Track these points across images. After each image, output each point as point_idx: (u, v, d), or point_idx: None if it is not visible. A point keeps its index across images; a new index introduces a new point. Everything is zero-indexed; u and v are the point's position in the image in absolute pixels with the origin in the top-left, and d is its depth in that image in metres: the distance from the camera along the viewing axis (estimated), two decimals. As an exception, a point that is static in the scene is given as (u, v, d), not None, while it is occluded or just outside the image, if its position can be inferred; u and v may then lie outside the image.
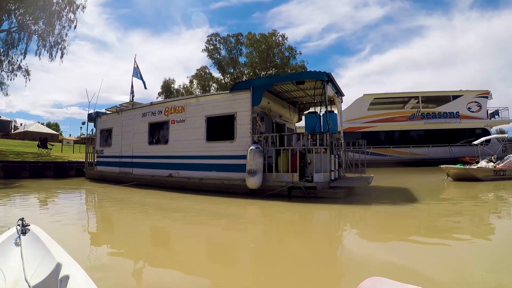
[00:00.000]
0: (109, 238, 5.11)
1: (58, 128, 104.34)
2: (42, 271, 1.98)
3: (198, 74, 46.73)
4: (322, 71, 9.00)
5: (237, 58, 44.17)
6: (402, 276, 3.06)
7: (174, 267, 3.56)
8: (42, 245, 2.24)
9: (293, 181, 8.58)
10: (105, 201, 9.21)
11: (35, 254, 2.18)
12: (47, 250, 2.15)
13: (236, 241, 4.94)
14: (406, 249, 4.17)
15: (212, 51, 44.00)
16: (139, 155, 12.70)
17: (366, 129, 24.75)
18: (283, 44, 41.20)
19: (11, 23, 23.12)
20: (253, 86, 9.53)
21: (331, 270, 3.54)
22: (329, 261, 3.85)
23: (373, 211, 7.20)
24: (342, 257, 4.09)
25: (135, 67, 17.17)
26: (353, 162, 11.56)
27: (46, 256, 2.09)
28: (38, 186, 12.27)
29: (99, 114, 15.76)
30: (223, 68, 44.40)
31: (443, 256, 3.74)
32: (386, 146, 24.58)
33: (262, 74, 40.09)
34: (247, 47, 42.57)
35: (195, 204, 8.27)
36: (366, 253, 4.00)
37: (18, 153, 20.59)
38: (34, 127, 70.18)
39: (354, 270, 3.38)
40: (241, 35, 43.19)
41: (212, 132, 10.34)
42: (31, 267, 2.03)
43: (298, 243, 4.62)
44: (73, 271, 1.79)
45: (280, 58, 41.05)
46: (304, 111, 13.61)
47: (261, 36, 40.80)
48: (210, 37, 44.34)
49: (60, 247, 2.18)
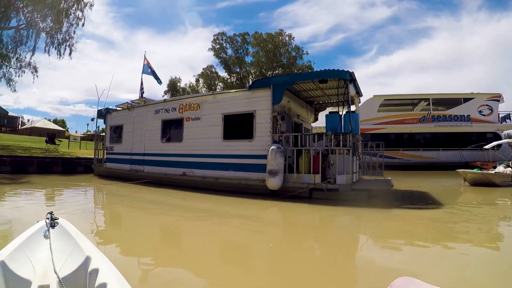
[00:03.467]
0: (123, 235, 5.06)
1: (65, 124, 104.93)
2: (71, 264, 2.02)
3: (204, 73, 46.81)
4: (345, 70, 8.73)
5: (244, 57, 44.26)
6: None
7: (188, 267, 3.54)
8: (71, 238, 2.28)
9: (315, 182, 8.29)
10: (120, 199, 9.01)
11: (64, 247, 2.20)
12: (75, 243, 2.19)
13: (258, 243, 4.86)
14: (428, 256, 4.00)
15: (219, 50, 44.02)
16: (151, 152, 12.41)
17: (375, 131, 24.38)
18: (289, 44, 41.19)
19: (19, 20, 23.03)
20: (274, 84, 9.21)
21: (349, 274, 3.48)
22: (348, 267, 3.77)
23: (394, 215, 6.95)
24: (363, 262, 3.91)
25: (145, 63, 16.97)
26: (370, 164, 11.27)
27: (75, 249, 2.13)
28: (47, 182, 12.04)
29: (109, 110, 15.47)
30: (229, 68, 44.42)
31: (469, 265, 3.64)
32: (395, 148, 24.21)
33: (268, 73, 39.95)
34: (254, 47, 42.61)
35: (216, 206, 8.06)
36: (387, 259, 3.91)
37: (25, 148, 20.51)
38: (41, 123, 70.72)
39: (373, 276, 3.29)
40: (248, 35, 43.19)
41: (229, 130, 10.04)
42: (59, 259, 2.04)
43: (318, 247, 4.61)
44: (103, 265, 1.82)
45: (286, 58, 40.90)
46: (320, 111, 13.32)
47: (268, 35, 40.76)
48: (217, 36, 44.43)
49: (89, 241, 2.22)
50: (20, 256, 2.01)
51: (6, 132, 54.58)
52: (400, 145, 24.70)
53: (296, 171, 8.69)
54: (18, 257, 1.99)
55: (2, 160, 14.44)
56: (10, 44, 24.18)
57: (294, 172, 8.69)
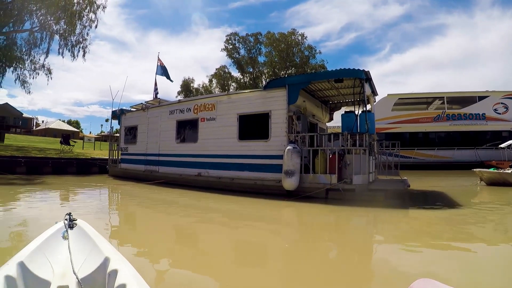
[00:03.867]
0: (139, 236, 5.06)
1: (79, 125, 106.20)
2: (90, 265, 2.02)
3: (217, 74, 46.92)
4: (361, 69, 8.62)
5: (256, 57, 44.20)
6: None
7: (203, 267, 3.52)
8: (89, 239, 2.28)
9: (331, 182, 8.22)
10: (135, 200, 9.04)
11: (82, 247, 2.21)
12: (94, 244, 2.19)
13: (273, 243, 4.82)
14: (446, 257, 3.96)
15: (231, 50, 44.06)
16: (166, 153, 12.46)
17: (390, 130, 24.12)
18: (302, 43, 40.89)
19: (33, 23, 23.16)
20: (289, 84, 9.16)
21: (366, 276, 3.44)
22: (365, 268, 3.73)
23: (411, 215, 6.85)
24: (381, 264, 3.85)
25: (159, 64, 17.04)
26: (386, 164, 11.16)
27: (93, 250, 2.13)
28: (63, 182, 12.15)
29: (123, 111, 15.59)
30: (242, 68, 44.44)
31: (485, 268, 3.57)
32: (410, 148, 23.92)
33: (281, 73, 39.83)
34: (266, 46, 42.46)
35: (231, 206, 8.05)
36: (405, 261, 3.83)
37: (40, 149, 20.74)
38: (55, 124, 71.79)
39: (391, 278, 3.26)
40: (260, 35, 43.11)
41: (245, 130, 10.01)
42: (78, 260, 2.05)
43: (335, 248, 4.60)
44: (122, 266, 1.82)
45: (299, 57, 40.70)
46: (334, 110, 13.21)
47: (280, 35, 40.58)
48: (229, 36, 44.47)
49: (107, 242, 2.23)
50: (39, 257, 2.02)
51: (21, 133, 55.53)
52: (415, 145, 24.40)
53: (312, 171, 8.62)
54: (37, 258, 2.00)
55: (17, 161, 14.63)
56: (24, 46, 24.40)
57: (310, 172, 8.62)
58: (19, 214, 6.24)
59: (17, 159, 14.77)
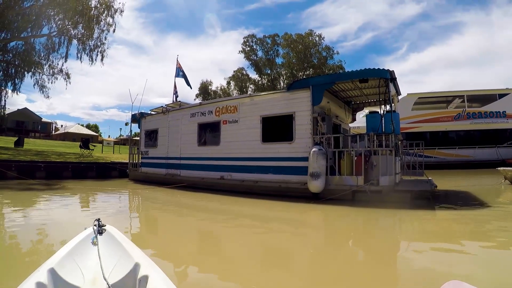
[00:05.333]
0: (164, 241, 5.02)
1: (98, 129, 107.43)
2: (120, 270, 2.03)
3: (235, 76, 47.23)
4: (385, 69, 8.47)
5: (274, 59, 44.40)
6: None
7: (230, 272, 3.52)
8: (119, 245, 2.30)
9: (358, 184, 8.08)
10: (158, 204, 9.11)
11: (112, 253, 2.22)
12: (124, 250, 2.21)
13: (299, 247, 4.75)
14: (475, 258, 3.92)
15: (249, 52, 44.44)
16: (188, 156, 12.46)
17: (410, 130, 23.77)
18: (320, 44, 40.88)
19: (50, 28, 23.48)
20: (313, 85, 9.06)
21: (396, 278, 3.40)
22: (394, 270, 3.68)
23: (438, 216, 6.72)
24: (410, 266, 3.74)
25: (177, 67, 17.08)
26: (410, 164, 10.96)
27: (123, 256, 2.14)
28: (83, 187, 12.14)
29: (143, 114, 15.67)
30: (260, 69, 44.70)
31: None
32: (431, 147, 23.53)
33: (299, 74, 39.74)
34: (284, 48, 42.52)
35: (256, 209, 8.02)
36: (434, 262, 3.73)
37: (60, 153, 20.95)
38: (74, 129, 72.99)
39: (421, 280, 3.20)
40: (277, 36, 43.36)
41: (268, 132, 9.93)
42: (108, 266, 2.06)
43: (362, 251, 4.53)
44: (152, 272, 1.83)
45: (317, 58, 40.57)
46: (357, 111, 13.05)
47: (298, 36, 40.65)
48: (246, 38, 44.86)
49: (137, 248, 2.25)
50: (69, 263, 2.03)
51: (40, 138, 56.42)
52: (436, 144, 23.99)
53: (338, 173, 8.49)
54: (67, 264, 2.01)
55: (37, 166, 14.73)
56: (42, 51, 24.77)
57: (336, 174, 8.49)
58: (44, 219, 6.28)
59: (37, 164, 14.87)
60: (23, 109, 64.39)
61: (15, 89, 24.88)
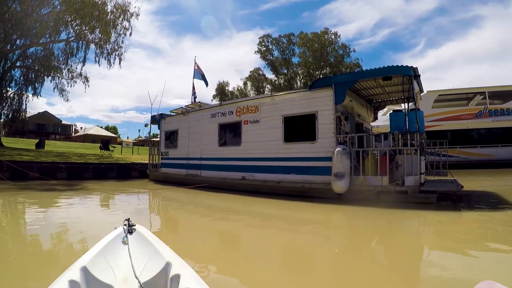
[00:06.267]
0: (189, 241, 4.99)
1: (116, 131, 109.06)
2: (151, 269, 2.05)
3: (252, 76, 47.35)
4: (408, 66, 8.29)
5: (290, 58, 44.34)
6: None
7: (256, 274, 3.52)
8: (149, 244, 2.33)
9: (382, 184, 7.93)
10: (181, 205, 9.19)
11: (142, 252, 2.25)
12: (154, 249, 2.23)
13: (323, 248, 4.73)
14: (506, 260, 3.86)
15: (265, 52, 44.50)
16: (208, 157, 12.48)
17: (431, 128, 23.26)
18: (336, 42, 40.59)
19: (68, 33, 24.04)
20: (335, 83, 8.93)
21: (426, 280, 3.33)
22: (425, 272, 3.63)
23: (465, 217, 6.58)
24: (440, 268, 3.66)
25: (195, 68, 17.14)
26: (433, 164, 10.73)
27: (154, 255, 2.17)
28: (105, 187, 12.32)
29: (163, 116, 15.79)
30: (276, 69, 44.73)
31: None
32: (452, 146, 23.01)
33: (316, 73, 39.52)
34: (300, 47, 42.44)
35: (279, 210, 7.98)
36: (464, 264, 3.74)
37: (80, 154, 21.25)
38: (94, 130, 74.34)
39: (452, 281, 3.17)
40: (293, 35, 43.30)
41: (290, 132, 9.85)
42: (139, 265, 2.09)
43: (390, 252, 4.45)
44: (184, 271, 1.84)
45: (334, 56, 40.30)
46: (378, 109, 12.84)
47: (314, 35, 40.46)
48: (262, 38, 44.98)
49: (167, 247, 2.27)
50: (101, 262, 2.07)
51: (60, 140, 57.53)
52: (457, 143, 23.41)
53: (362, 173, 8.36)
54: (99, 263, 2.04)
55: (58, 167, 14.99)
56: (61, 56, 25.46)
57: (360, 174, 8.36)
58: (71, 219, 6.40)
59: (58, 165, 15.14)
60: (43, 112, 65.74)
61: (36, 93, 25.72)
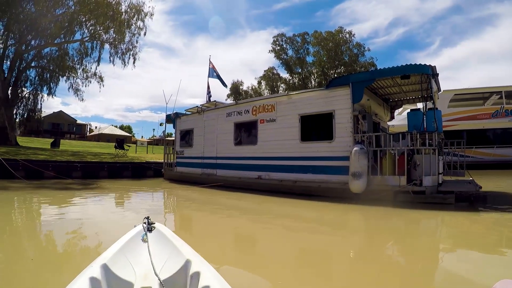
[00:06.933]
0: (206, 241, 4.97)
1: (131, 130, 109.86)
2: (171, 267, 2.06)
3: (266, 75, 47.47)
4: (427, 65, 8.21)
5: (304, 57, 44.23)
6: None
7: (274, 275, 3.46)
8: (169, 242, 2.35)
9: (400, 184, 7.87)
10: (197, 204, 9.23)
11: (162, 250, 2.27)
12: (173, 246, 2.25)
13: (340, 249, 4.67)
14: None
15: (279, 51, 44.56)
16: (224, 156, 12.54)
17: (446, 128, 22.95)
18: (350, 41, 40.38)
19: (83, 33, 24.24)
20: (353, 82, 8.88)
21: (446, 281, 3.29)
22: (444, 273, 3.58)
23: (485, 218, 6.55)
24: (459, 268, 3.67)
25: (210, 67, 17.21)
26: (451, 164, 10.60)
27: (173, 253, 2.19)
28: (121, 186, 12.35)
29: (178, 115, 15.91)
30: (290, 68, 44.75)
31: None
32: (468, 146, 22.68)
33: (330, 73, 39.35)
34: (314, 46, 42.27)
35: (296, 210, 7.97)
36: (484, 265, 3.73)
37: (95, 154, 21.48)
38: (108, 130, 75.21)
39: (470, 280, 3.21)
40: (307, 34, 43.18)
41: (307, 131, 9.85)
42: (159, 262, 2.10)
43: (408, 253, 4.42)
44: (204, 268, 1.86)
45: (348, 55, 40.10)
46: (395, 108, 12.74)
47: (328, 34, 40.33)
48: (276, 37, 44.96)
49: (187, 245, 2.29)
50: (121, 259, 2.09)
51: (75, 139, 58.25)
52: (473, 143, 23.07)
53: (379, 172, 8.31)
54: (119, 260, 2.07)
55: (74, 166, 15.09)
56: (75, 56, 25.77)
57: (378, 174, 8.31)
58: (90, 217, 6.51)
59: (73, 164, 15.24)
60: (58, 112, 66.73)
61: (51, 93, 26.00)
